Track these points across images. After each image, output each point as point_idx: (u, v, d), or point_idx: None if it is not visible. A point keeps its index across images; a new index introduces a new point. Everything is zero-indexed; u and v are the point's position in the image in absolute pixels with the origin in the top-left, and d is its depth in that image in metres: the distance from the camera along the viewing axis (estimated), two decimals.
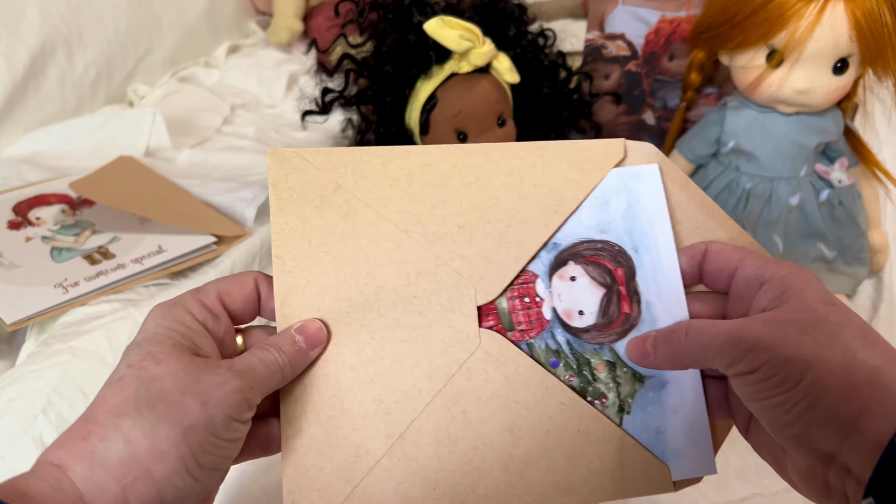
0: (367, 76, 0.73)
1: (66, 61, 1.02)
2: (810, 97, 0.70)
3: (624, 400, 0.40)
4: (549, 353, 0.40)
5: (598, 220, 0.41)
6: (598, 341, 0.40)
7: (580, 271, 0.40)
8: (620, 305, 0.40)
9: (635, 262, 0.41)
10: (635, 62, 0.82)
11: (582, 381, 0.40)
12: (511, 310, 0.40)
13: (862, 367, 0.31)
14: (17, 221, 0.77)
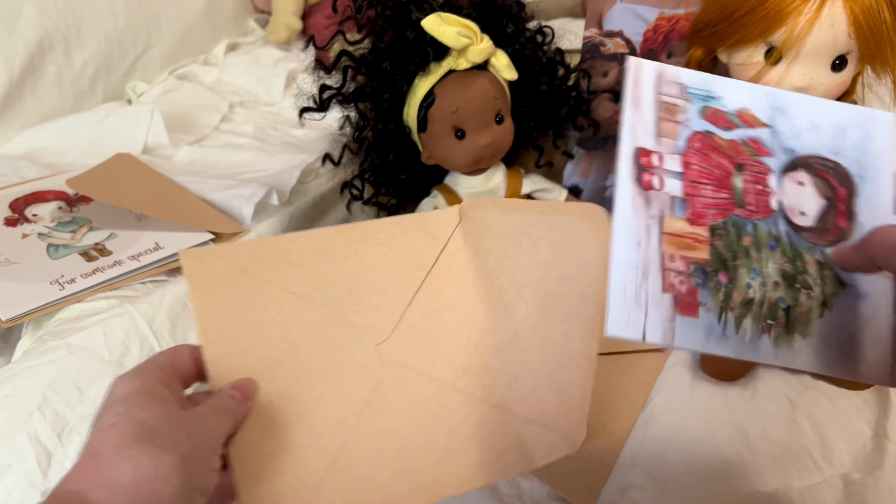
0: (365, 73, 0.73)
1: (64, 58, 1.02)
2: (808, 94, 0.70)
3: (827, 298, 0.46)
4: (770, 237, 0.47)
5: (834, 143, 0.49)
6: (812, 241, 0.47)
7: (809, 179, 0.48)
8: (837, 218, 0.47)
9: (858, 186, 0.48)
10: None
11: (794, 270, 0.46)
12: (745, 190, 0.48)
13: None
14: (14, 218, 0.77)
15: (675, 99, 0.49)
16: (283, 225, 0.79)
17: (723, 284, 0.45)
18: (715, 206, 0.47)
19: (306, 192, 0.86)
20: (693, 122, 0.48)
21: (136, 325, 0.63)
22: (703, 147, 0.48)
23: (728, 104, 0.50)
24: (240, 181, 0.86)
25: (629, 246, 0.44)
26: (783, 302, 0.46)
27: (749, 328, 0.45)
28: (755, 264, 0.46)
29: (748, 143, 0.49)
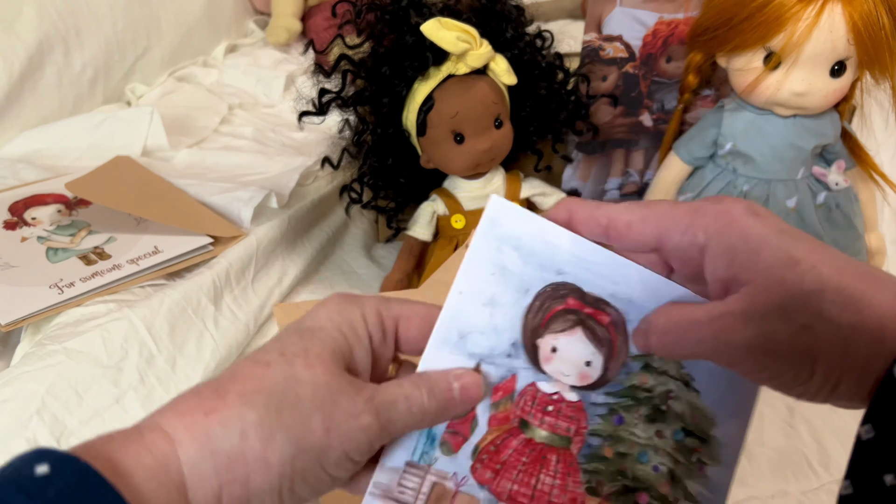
0: (365, 77, 0.73)
1: (64, 60, 1.02)
2: (808, 100, 0.70)
3: (682, 377, 0.38)
4: (609, 419, 0.38)
5: (515, 289, 0.37)
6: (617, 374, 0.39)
7: (553, 338, 0.37)
8: (602, 324, 0.37)
9: (573, 281, 0.37)
10: (633, 64, 0.82)
11: (645, 406, 0.38)
12: (551, 429, 0.37)
13: (859, 345, 0.29)
14: (13, 221, 0.77)
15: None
16: (281, 228, 0.79)
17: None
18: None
19: (305, 196, 0.86)
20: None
21: (135, 330, 0.63)
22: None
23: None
24: (239, 184, 0.86)
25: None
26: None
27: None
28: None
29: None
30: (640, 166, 0.88)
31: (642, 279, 0.36)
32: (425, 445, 0.36)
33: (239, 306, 0.71)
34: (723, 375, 0.36)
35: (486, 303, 0.36)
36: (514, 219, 0.36)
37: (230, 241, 0.76)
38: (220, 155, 0.98)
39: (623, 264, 0.36)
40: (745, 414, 0.37)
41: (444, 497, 0.36)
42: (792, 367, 0.30)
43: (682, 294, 0.35)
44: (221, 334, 0.67)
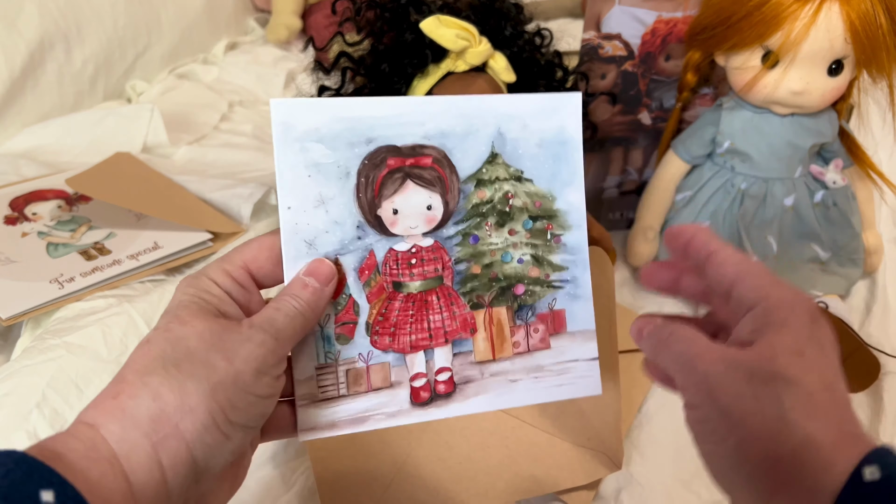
0: (364, 74, 0.74)
1: (65, 56, 1.02)
2: (805, 98, 0.70)
3: (513, 174, 0.42)
4: (465, 243, 0.41)
5: (337, 177, 0.39)
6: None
7: (390, 203, 0.40)
8: (426, 167, 0.40)
9: (384, 142, 0.39)
10: (632, 62, 0.82)
11: (491, 216, 0.41)
12: (422, 277, 0.41)
13: (790, 438, 0.30)
14: (14, 217, 0.78)
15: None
16: None
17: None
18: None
19: None
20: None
21: (135, 324, 0.63)
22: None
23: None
24: (238, 180, 0.86)
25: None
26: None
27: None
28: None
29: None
30: (638, 164, 0.88)
31: (445, 108, 0.40)
32: (325, 346, 0.39)
33: None
34: (546, 156, 0.41)
35: (317, 204, 0.38)
36: (303, 113, 0.38)
37: (230, 237, 0.76)
38: (220, 152, 0.98)
39: (421, 102, 0.39)
40: (577, 178, 0.42)
41: (359, 376, 0.40)
42: (718, 421, 0.31)
43: (478, 103, 0.40)
44: None
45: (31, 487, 0.26)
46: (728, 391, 0.31)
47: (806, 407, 0.30)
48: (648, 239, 0.82)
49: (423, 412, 0.41)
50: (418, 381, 0.41)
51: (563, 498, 0.58)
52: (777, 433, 0.30)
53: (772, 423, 0.30)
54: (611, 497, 0.59)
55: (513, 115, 0.41)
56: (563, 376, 0.42)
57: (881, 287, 0.80)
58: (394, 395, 0.40)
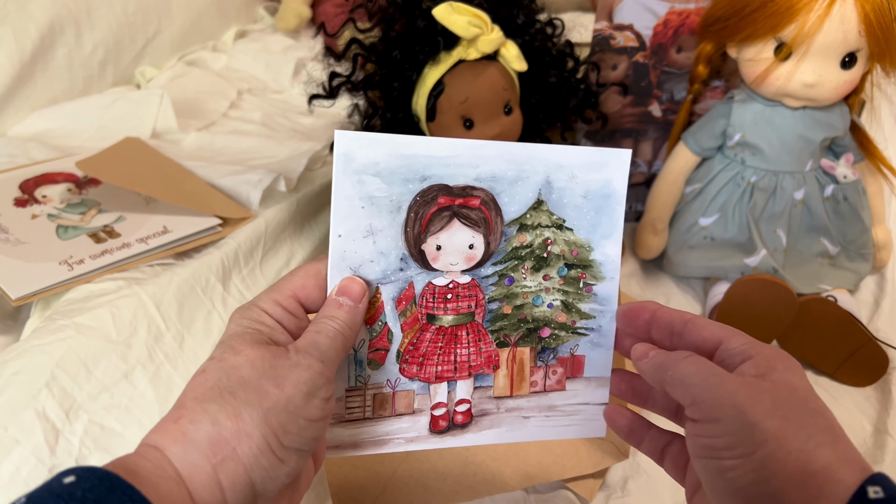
0: (375, 61, 0.74)
1: (75, 41, 1.02)
2: (818, 91, 0.70)
3: (555, 222, 0.43)
4: (500, 284, 0.43)
5: (388, 210, 0.40)
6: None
7: (435, 238, 0.41)
8: (474, 207, 0.41)
9: (438, 181, 0.41)
10: (643, 53, 0.82)
11: (528, 260, 0.43)
12: (455, 312, 0.42)
13: (821, 456, 0.31)
14: (24, 199, 0.78)
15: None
16: (290, 211, 0.80)
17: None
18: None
19: (314, 180, 0.86)
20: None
21: (144, 307, 0.63)
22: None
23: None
24: (248, 167, 0.86)
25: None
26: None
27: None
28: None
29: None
30: (648, 156, 0.88)
31: (498, 153, 0.41)
32: (357, 370, 0.41)
33: (247, 287, 0.71)
34: (589, 207, 0.42)
35: (366, 234, 0.40)
36: (364, 147, 0.39)
37: (239, 223, 0.76)
38: (229, 139, 0.98)
39: (476, 146, 0.41)
40: (616, 232, 0.43)
41: (385, 401, 0.42)
42: (744, 434, 0.32)
43: (530, 151, 0.41)
44: (229, 314, 0.67)
45: (114, 501, 0.29)
46: (758, 408, 0.32)
47: (831, 433, 0.32)
48: (657, 231, 0.81)
49: (439, 440, 0.43)
50: (439, 410, 0.43)
51: (570, 486, 0.58)
52: (810, 451, 0.31)
53: (803, 443, 0.31)
54: (618, 485, 0.59)
55: (562, 165, 0.41)
56: (571, 417, 0.44)
57: (890, 282, 0.80)
58: (414, 422, 0.42)
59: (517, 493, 0.57)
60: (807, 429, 0.32)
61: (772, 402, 0.32)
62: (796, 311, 0.70)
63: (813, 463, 0.31)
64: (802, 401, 0.33)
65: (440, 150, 0.40)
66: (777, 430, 0.31)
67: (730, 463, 0.32)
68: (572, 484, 0.58)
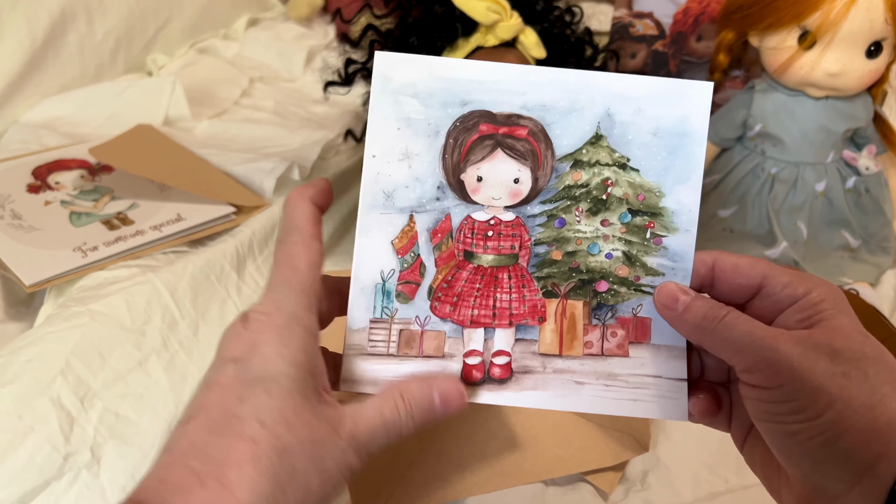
0: (392, 48, 0.73)
1: (86, 27, 1.01)
2: (842, 80, 0.69)
3: (617, 161, 0.38)
4: (550, 225, 0.38)
5: (426, 134, 0.38)
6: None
7: (476, 168, 0.38)
8: (520, 138, 0.38)
9: (479, 107, 0.38)
10: (662, 42, 0.81)
11: (584, 201, 0.38)
12: (496, 251, 0.38)
13: (886, 410, 0.30)
14: (37, 185, 0.77)
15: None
16: None
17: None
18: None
19: (327, 169, 0.86)
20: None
21: (158, 294, 0.63)
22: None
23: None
24: (261, 155, 0.85)
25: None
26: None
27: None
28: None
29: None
30: None
31: (549, 79, 0.37)
32: (384, 301, 0.38)
33: (262, 275, 0.70)
34: (661, 146, 0.38)
35: (402, 157, 0.38)
36: (403, 67, 0.37)
37: (253, 211, 0.76)
38: (241, 127, 0.98)
39: (524, 71, 0.37)
40: (695, 177, 0.38)
41: (412, 339, 0.38)
42: (808, 399, 0.31)
43: (588, 79, 0.37)
44: (244, 302, 0.67)
45: None
46: (817, 370, 0.31)
47: (891, 384, 0.31)
48: None
49: (473, 392, 0.38)
50: (472, 358, 0.38)
51: (589, 479, 0.57)
52: (876, 404, 0.30)
53: (868, 397, 0.31)
54: (637, 479, 0.58)
55: (626, 97, 0.37)
56: (640, 391, 0.38)
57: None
58: (444, 367, 0.38)
59: (536, 486, 0.56)
60: (869, 380, 0.31)
61: (829, 358, 0.31)
62: None
63: (880, 417, 0.30)
64: (859, 349, 0.31)
65: (483, 73, 0.37)
66: (841, 391, 0.30)
67: (796, 427, 0.31)
68: (591, 477, 0.57)
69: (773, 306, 0.35)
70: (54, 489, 0.52)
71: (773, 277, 0.35)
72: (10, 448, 0.51)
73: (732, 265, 0.36)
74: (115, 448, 0.54)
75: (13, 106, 0.94)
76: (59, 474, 0.52)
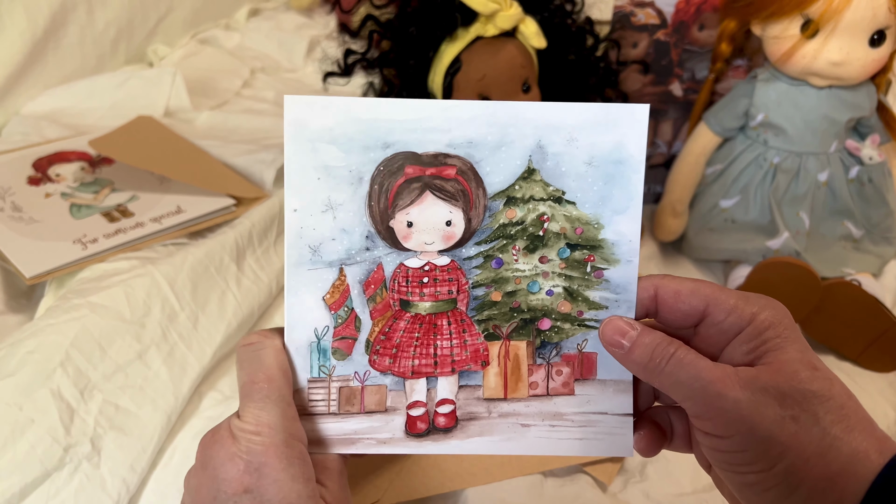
0: (391, 38, 0.72)
1: (87, 18, 1.01)
2: (845, 70, 0.68)
3: (552, 195, 0.37)
4: (487, 266, 0.37)
5: (348, 182, 0.37)
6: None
7: (405, 214, 0.37)
8: (449, 178, 0.37)
9: (403, 148, 0.36)
10: (664, 31, 0.80)
11: (520, 239, 0.37)
12: (433, 298, 0.37)
13: (839, 455, 0.30)
14: (37, 177, 0.77)
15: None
16: None
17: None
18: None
19: None
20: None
21: (158, 286, 0.63)
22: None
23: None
24: (261, 146, 0.85)
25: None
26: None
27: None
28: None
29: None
30: (668, 137, 0.87)
31: (474, 114, 0.36)
32: (320, 359, 0.37)
33: (261, 267, 0.70)
34: (596, 176, 0.36)
35: (325, 209, 0.36)
36: (318, 111, 0.35)
37: (253, 203, 0.76)
38: (242, 118, 0.97)
39: (447, 107, 0.36)
40: (633, 205, 0.36)
41: (353, 395, 0.37)
42: (760, 449, 0.30)
43: (516, 111, 0.35)
44: (244, 294, 0.67)
45: None
46: (766, 417, 0.30)
47: (842, 420, 0.31)
48: (677, 213, 0.80)
49: (418, 444, 0.37)
50: (416, 409, 0.37)
51: (588, 470, 0.57)
52: (827, 450, 0.30)
53: (818, 443, 0.30)
54: (636, 470, 0.58)
55: (558, 126, 0.36)
56: (586, 429, 0.37)
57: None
58: (387, 421, 0.37)
59: (534, 477, 0.56)
60: (819, 424, 0.30)
61: (778, 402, 0.31)
62: (820, 295, 0.68)
63: (832, 465, 0.30)
64: (807, 387, 0.31)
65: (404, 112, 0.35)
66: (792, 439, 0.30)
67: (753, 478, 0.31)
68: (590, 468, 0.57)
69: (719, 335, 0.34)
70: (55, 480, 0.52)
71: (717, 303, 0.34)
72: (11, 439, 0.52)
73: (674, 292, 0.35)
74: (115, 439, 0.55)
75: (14, 97, 0.94)
76: (60, 465, 0.52)
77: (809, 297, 0.68)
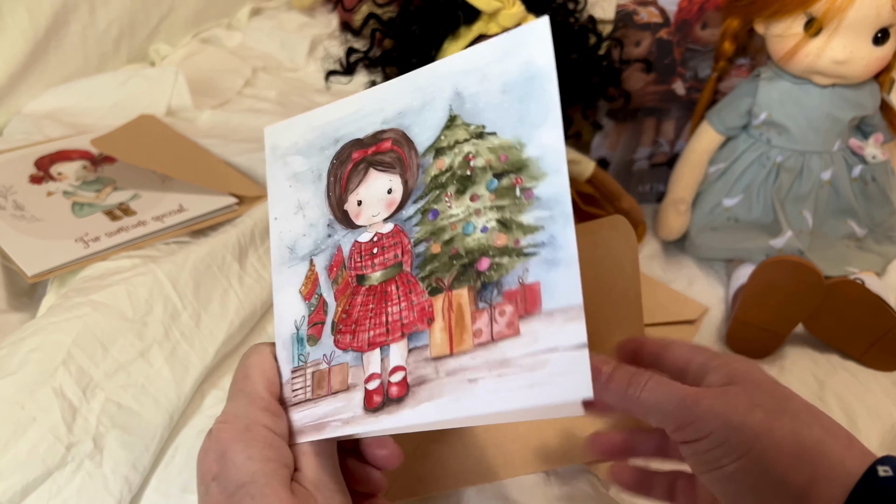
0: (393, 37, 0.72)
1: (89, 17, 1.01)
2: (848, 68, 0.68)
3: (473, 133, 0.37)
4: (424, 220, 0.37)
5: (311, 181, 0.41)
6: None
7: (355, 195, 0.39)
8: (386, 150, 0.38)
9: (349, 138, 0.39)
10: (667, 30, 0.80)
11: (451, 185, 0.37)
12: (382, 266, 0.38)
13: (808, 436, 0.33)
14: (39, 176, 0.77)
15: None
16: None
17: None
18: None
19: None
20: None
21: (160, 285, 0.63)
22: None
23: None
24: (263, 145, 0.85)
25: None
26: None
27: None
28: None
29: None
30: (670, 136, 0.87)
31: (399, 88, 0.38)
32: (298, 349, 0.38)
33: (263, 265, 0.70)
34: (511, 100, 0.35)
35: (296, 210, 0.39)
36: (286, 132, 0.40)
37: (255, 201, 0.75)
38: (244, 117, 0.97)
39: (378, 90, 0.39)
40: (552, 115, 0.34)
41: (322, 378, 0.37)
42: (735, 437, 0.33)
43: (433, 70, 0.37)
44: (246, 292, 0.67)
45: None
46: (737, 411, 0.34)
47: (809, 412, 0.34)
48: (680, 212, 0.80)
49: (375, 420, 0.35)
50: (372, 382, 0.36)
51: (591, 469, 0.57)
52: (797, 431, 0.33)
53: (789, 425, 0.33)
54: None
55: (469, 70, 0.36)
56: (535, 373, 0.32)
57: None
58: (349, 399, 0.36)
59: (538, 476, 0.56)
60: (787, 411, 0.34)
61: (747, 400, 0.34)
62: (823, 293, 0.68)
63: (805, 442, 0.33)
64: (771, 391, 0.35)
65: (346, 108, 0.38)
66: (762, 423, 0.33)
67: (732, 467, 0.33)
68: (594, 467, 0.57)
69: (693, 379, 0.38)
70: (57, 479, 0.52)
71: (699, 352, 0.39)
72: (13, 438, 0.52)
73: (678, 345, 0.40)
74: (117, 438, 0.55)
75: (16, 96, 0.94)
76: (62, 464, 0.52)
77: (813, 295, 0.68)
